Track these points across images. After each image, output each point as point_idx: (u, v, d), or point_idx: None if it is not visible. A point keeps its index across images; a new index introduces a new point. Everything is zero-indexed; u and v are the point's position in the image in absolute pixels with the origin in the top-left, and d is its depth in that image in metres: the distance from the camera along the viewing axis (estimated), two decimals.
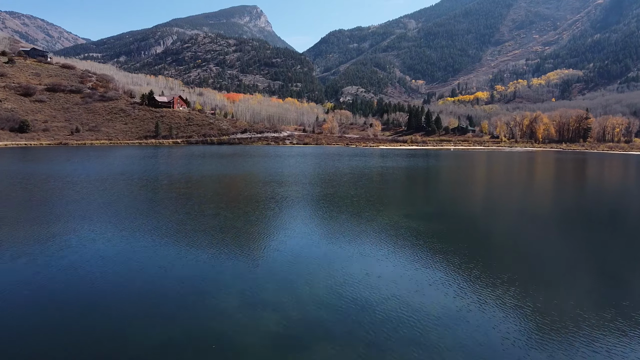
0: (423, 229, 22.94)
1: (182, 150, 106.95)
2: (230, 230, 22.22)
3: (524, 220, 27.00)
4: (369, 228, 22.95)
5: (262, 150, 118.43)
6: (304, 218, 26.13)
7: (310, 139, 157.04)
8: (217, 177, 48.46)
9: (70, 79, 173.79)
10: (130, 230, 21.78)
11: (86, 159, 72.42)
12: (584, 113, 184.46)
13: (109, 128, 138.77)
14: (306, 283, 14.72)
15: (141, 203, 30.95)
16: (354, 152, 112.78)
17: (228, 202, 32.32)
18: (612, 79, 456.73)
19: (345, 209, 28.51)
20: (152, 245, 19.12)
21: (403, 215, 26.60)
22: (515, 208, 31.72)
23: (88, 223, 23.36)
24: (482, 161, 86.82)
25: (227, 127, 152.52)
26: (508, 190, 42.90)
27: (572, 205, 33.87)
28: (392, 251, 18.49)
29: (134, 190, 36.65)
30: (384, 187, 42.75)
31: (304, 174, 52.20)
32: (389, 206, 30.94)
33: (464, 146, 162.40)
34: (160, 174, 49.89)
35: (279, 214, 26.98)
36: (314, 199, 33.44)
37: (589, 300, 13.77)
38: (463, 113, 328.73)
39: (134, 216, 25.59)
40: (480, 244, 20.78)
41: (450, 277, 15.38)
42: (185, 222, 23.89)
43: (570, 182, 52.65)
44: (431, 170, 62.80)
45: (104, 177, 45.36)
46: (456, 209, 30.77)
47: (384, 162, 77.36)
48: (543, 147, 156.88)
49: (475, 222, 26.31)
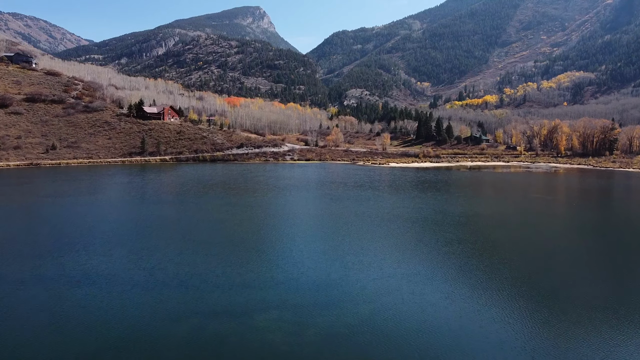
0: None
1: (167, 178, 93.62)
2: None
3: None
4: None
5: (257, 172, 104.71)
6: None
7: (313, 153, 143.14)
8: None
9: (54, 87, 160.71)
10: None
11: (31, 201, 58.99)
12: (609, 123, 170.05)
13: (90, 144, 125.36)
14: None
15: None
16: (361, 178, 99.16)
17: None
18: (626, 82, 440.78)
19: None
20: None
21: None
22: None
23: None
24: (524, 199, 72.64)
25: (222, 141, 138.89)
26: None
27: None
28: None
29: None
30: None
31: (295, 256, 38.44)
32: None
33: (481, 161, 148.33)
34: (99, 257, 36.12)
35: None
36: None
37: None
38: (473, 119, 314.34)
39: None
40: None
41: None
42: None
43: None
44: (474, 233, 47.55)
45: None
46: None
47: (398, 202, 63.50)
48: (569, 162, 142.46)
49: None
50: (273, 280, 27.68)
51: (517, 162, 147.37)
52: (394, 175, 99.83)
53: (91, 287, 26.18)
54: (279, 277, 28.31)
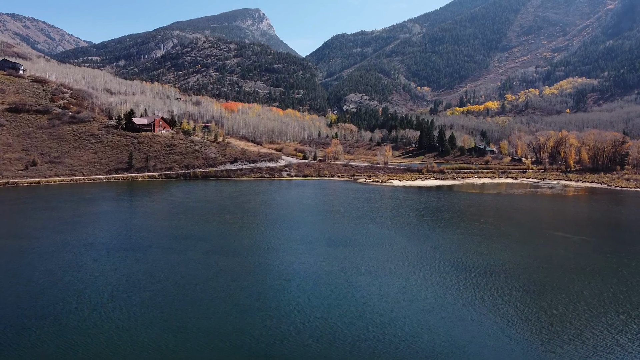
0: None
1: (149, 204, 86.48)
2: None
3: None
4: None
5: (249, 194, 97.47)
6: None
7: (311, 169, 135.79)
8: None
9: (40, 96, 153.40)
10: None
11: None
12: (620, 137, 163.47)
13: (74, 159, 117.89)
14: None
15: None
16: (362, 203, 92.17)
17: None
18: (629, 89, 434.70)
19: None
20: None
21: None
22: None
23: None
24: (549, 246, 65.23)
25: (215, 155, 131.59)
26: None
27: None
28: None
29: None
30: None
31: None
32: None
33: (487, 176, 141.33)
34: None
35: None
36: None
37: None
38: (475, 127, 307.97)
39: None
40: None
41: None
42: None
43: None
44: (501, 307, 39.83)
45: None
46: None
47: (402, 246, 56.36)
48: (580, 180, 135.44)
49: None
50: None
51: (525, 178, 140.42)
52: (397, 200, 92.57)
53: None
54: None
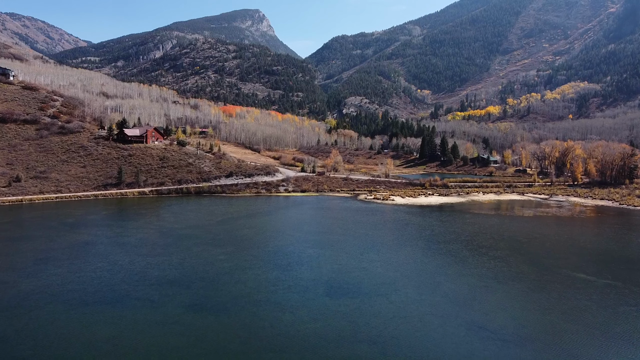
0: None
1: (138, 234, 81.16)
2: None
3: None
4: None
5: (242, 216, 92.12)
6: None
7: (309, 183, 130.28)
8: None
9: (29, 105, 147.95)
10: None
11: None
12: (629, 149, 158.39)
13: (61, 173, 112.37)
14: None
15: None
16: (362, 228, 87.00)
17: None
18: (632, 94, 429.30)
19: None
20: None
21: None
22: None
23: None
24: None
25: (210, 168, 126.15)
26: None
27: None
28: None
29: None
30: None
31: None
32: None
33: (492, 191, 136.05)
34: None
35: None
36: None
37: None
38: (477, 133, 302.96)
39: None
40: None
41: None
42: None
43: None
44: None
45: None
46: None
47: (418, 298, 51.02)
48: (590, 195, 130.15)
49: None
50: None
51: (531, 193, 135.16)
52: (398, 223, 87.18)
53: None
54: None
